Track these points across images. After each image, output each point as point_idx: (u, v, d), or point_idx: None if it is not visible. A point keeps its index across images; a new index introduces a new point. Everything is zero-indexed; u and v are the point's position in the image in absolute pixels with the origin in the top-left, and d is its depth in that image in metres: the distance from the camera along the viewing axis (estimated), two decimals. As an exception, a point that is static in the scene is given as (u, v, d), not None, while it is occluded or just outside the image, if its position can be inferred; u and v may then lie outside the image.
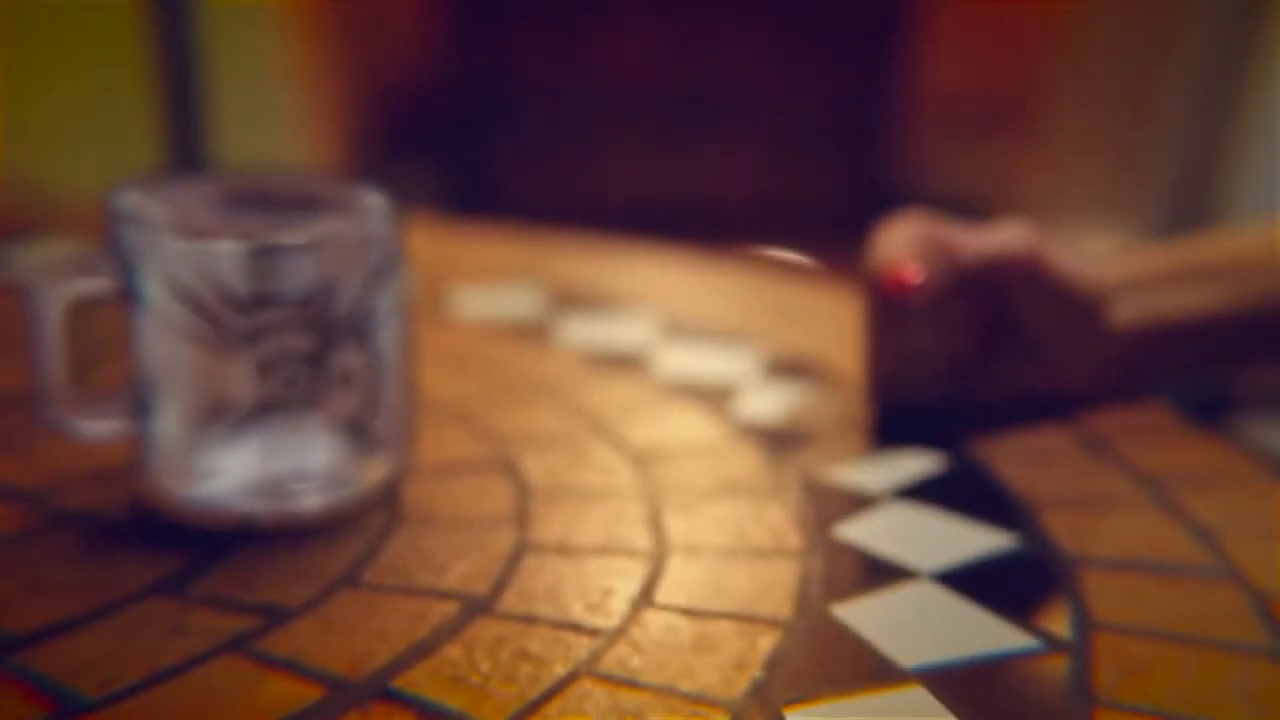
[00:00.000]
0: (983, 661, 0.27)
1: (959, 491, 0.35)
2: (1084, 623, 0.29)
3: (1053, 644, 0.28)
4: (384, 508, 0.33)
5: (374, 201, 0.33)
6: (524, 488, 0.35)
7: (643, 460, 0.37)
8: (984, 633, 0.28)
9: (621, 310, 0.51)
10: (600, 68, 2.12)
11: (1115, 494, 0.36)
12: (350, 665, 0.26)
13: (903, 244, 0.38)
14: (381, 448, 0.33)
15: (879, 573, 0.31)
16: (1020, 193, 1.84)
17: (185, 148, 0.92)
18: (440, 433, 0.38)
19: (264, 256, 0.30)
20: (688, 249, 0.60)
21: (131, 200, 0.31)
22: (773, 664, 0.27)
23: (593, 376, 0.44)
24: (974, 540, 0.33)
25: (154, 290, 0.30)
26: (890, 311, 0.38)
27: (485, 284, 0.54)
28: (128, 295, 0.31)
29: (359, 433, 0.32)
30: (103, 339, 0.45)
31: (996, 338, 0.41)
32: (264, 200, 0.34)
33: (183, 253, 0.30)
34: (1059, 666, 0.27)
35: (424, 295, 0.52)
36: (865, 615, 0.29)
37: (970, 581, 0.30)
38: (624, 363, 0.45)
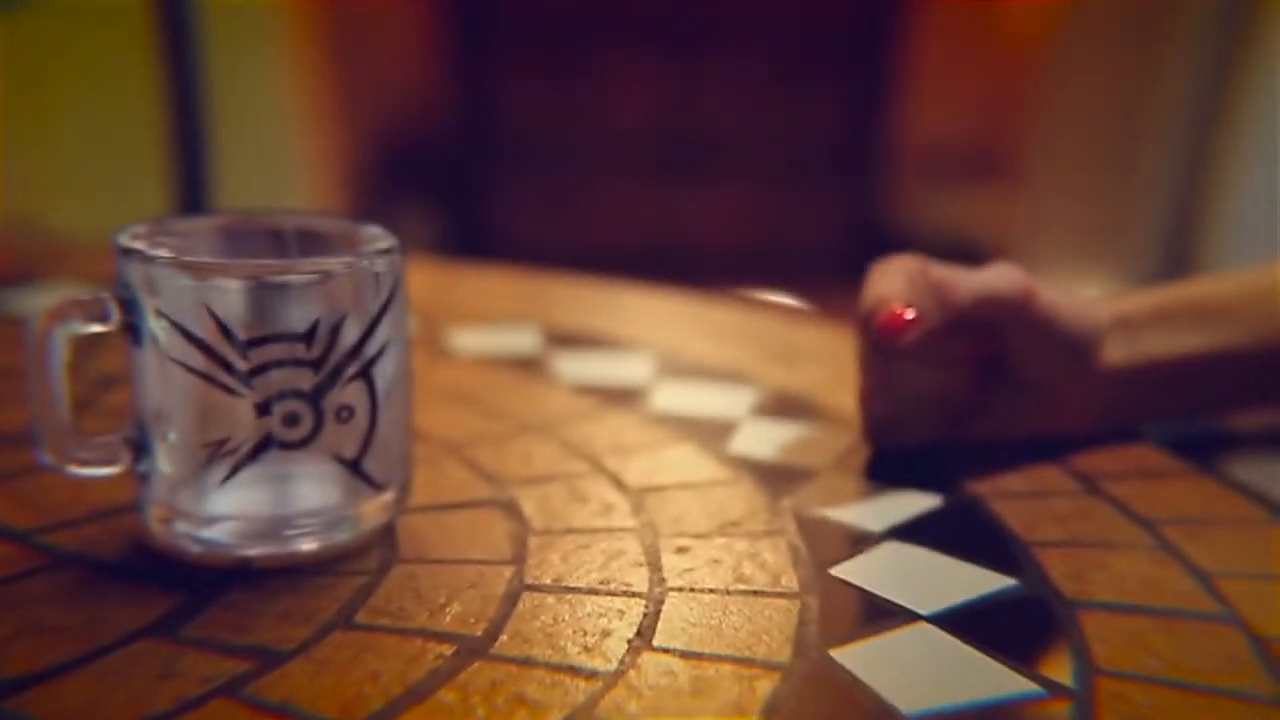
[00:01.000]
0: (984, 707, 0.27)
1: (956, 531, 0.35)
2: (1086, 668, 0.29)
3: (1055, 689, 0.28)
4: (381, 546, 0.33)
5: (376, 238, 0.33)
6: (521, 526, 0.34)
7: (640, 498, 0.37)
8: (985, 677, 0.28)
9: (618, 349, 0.51)
10: (595, 113, 2.15)
11: (1111, 535, 0.36)
12: (342, 709, 0.26)
13: (895, 285, 0.38)
14: (380, 486, 0.33)
15: (877, 614, 0.31)
16: (1005, 239, 1.86)
17: (190, 190, 0.93)
18: (437, 470, 0.38)
19: (266, 293, 0.30)
20: (681, 290, 0.60)
21: (135, 237, 0.32)
22: (771, 708, 0.26)
23: (590, 414, 0.44)
24: (973, 581, 0.33)
25: (155, 327, 0.30)
26: (883, 352, 0.38)
27: (482, 324, 0.54)
28: (129, 333, 0.31)
29: (357, 471, 0.32)
30: (103, 375, 0.45)
31: (990, 377, 0.41)
32: (267, 237, 0.35)
33: (185, 289, 0.30)
34: (1062, 713, 0.27)
35: (421, 334, 0.52)
36: (865, 658, 0.29)
37: (970, 623, 0.30)
38: (621, 401, 0.45)
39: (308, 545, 0.32)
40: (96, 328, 0.31)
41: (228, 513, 0.32)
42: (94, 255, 0.62)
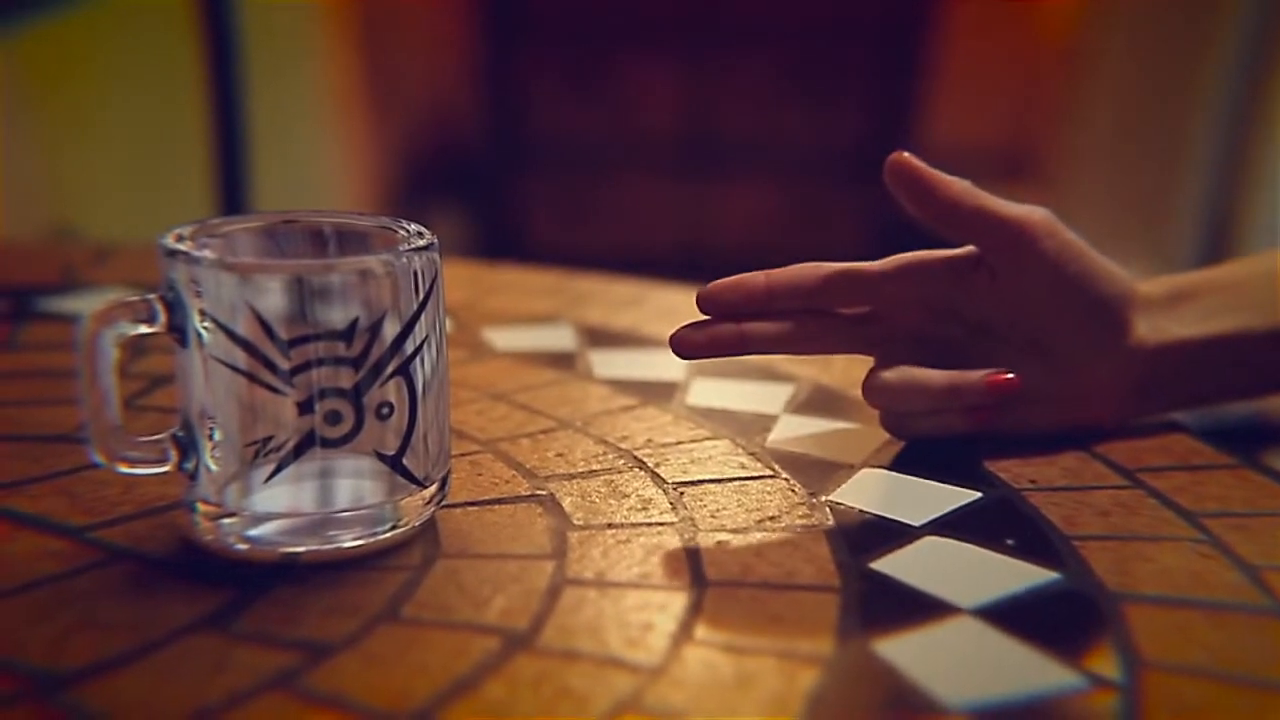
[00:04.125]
0: (1030, 701, 0.27)
1: (997, 524, 0.35)
2: (1133, 661, 0.28)
3: (1101, 683, 0.27)
4: (423, 541, 0.33)
5: (414, 235, 0.34)
6: (561, 521, 0.35)
7: (679, 493, 0.37)
8: (1030, 670, 0.28)
9: (651, 346, 0.52)
10: (621, 116, 2.15)
11: (1154, 528, 0.35)
12: (393, 700, 0.26)
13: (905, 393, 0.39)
14: (420, 482, 0.33)
15: (919, 608, 0.31)
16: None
17: (229, 196, 0.94)
18: (477, 466, 0.38)
19: (308, 292, 0.31)
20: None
21: (179, 239, 0.32)
22: (814, 701, 0.26)
23: (626, 410, 0.44)
24: (1015, 574, 0.32)
25: (200, 328, 0.31)
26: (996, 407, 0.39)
27: (516, 323, 0.55)
28: (175, 334, 0.32)
29: (398, 467, 0.33)
30: (151, 375, 0.46)
31: (1006, 363, 0.40)
32: (307, 237, 0.35)
33: (228, 289, 0.31)
34: (1109, 706, 0.27)
35: (457, 333, 0.53)
36: (907, 652, 0.28)
37: (1013, 617, 0.30)
38: (657, 397, 0.45)
39: (351, 541, 0.32)
40: (144, 329, 0.31)
41: (273, 510, 0.32)
42: (136, 259, 0.64)
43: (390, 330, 0.32)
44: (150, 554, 0.32)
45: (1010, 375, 0.39)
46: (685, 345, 0.39)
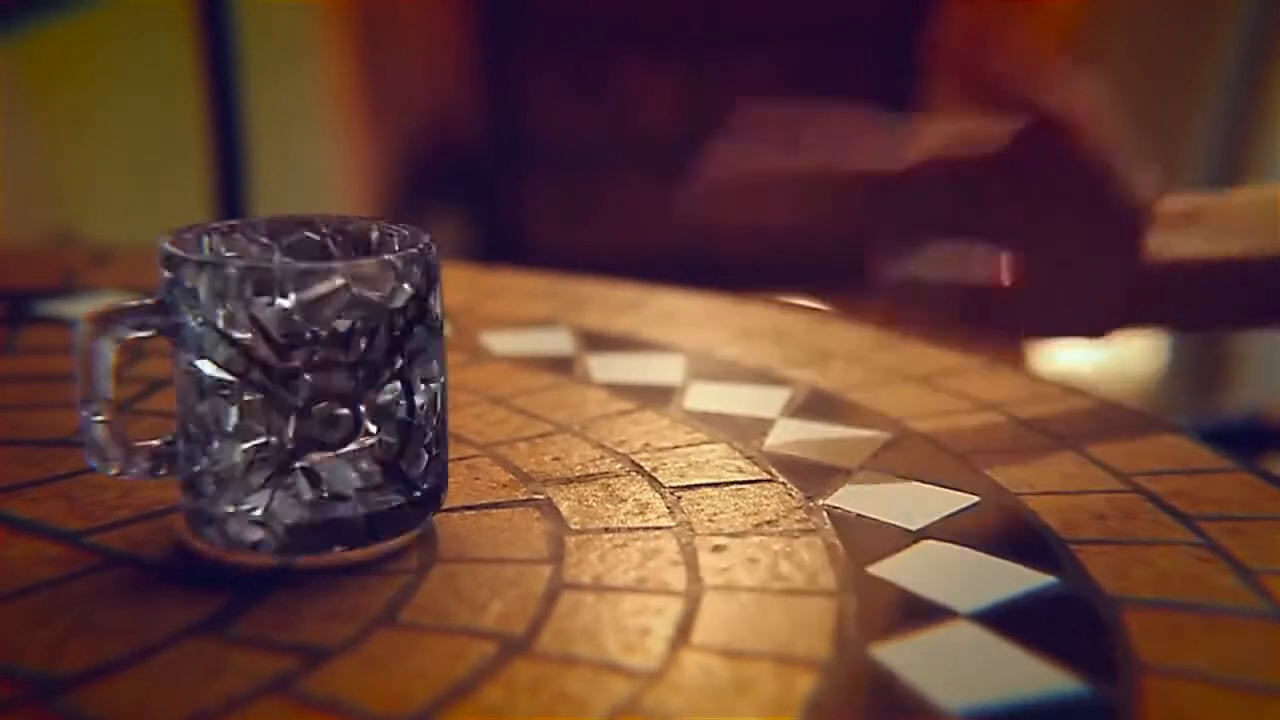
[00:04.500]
0: (1027, 705, 0.27)
1: (993, 529, 0.35)
2: (1130, 665, 0.28)
3: (1100, 688, 0.27)
4: (420, 546, 0.33)
5: (412, 239, 0.34)
6: (559, 525, 0.35)
7: (676, 497, 0.37)
8: (1028, 675, 0.28)
9: (649, 350, 0.52)
10: (621, 118, 2.15)
11: (1152, 532, 0.35)
12: (390, 705, 0.26)
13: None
14: (418, 486, 0.33)
15: (916, 612, 0.31)
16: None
17: (228, 200, 0.94)
18: (474, 470, 0.39)
19: (304, 295, 0.31)
20: (711, 292, 0.60)
21: (175, 242, 0.32)
22: (812, 705, 0.26)
23: (624, 415, 0.44)
24: (1011, 578, 0.32)
25: (197, 331, 0.31)
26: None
27: (514, 327, 0.55)
28: (172, 337, 0.32)
29: (396, 471, 0.33)
30: (148, 379, 0.46)
31: (1016, 262, 0.38)
32: (304, 240, 0.35)
33: (225, 293, 0.31)
34: (1107, 711, 0.27)
35: (454, 337, 0.53)
36: (905, 656, 0.29)
37: (1010, 621, 0.30)
38: (654, 401, 0.45)
39: (348, 546, 0.32)
40: (140, 333, 0.31)
41: (270, 514, 0.32)
42: (135, 263, 0.64)
43: (387, 334, 0.32)
44: (148, 558, 0.32)
45: (1014, 262, 0.37)
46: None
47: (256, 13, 1.02)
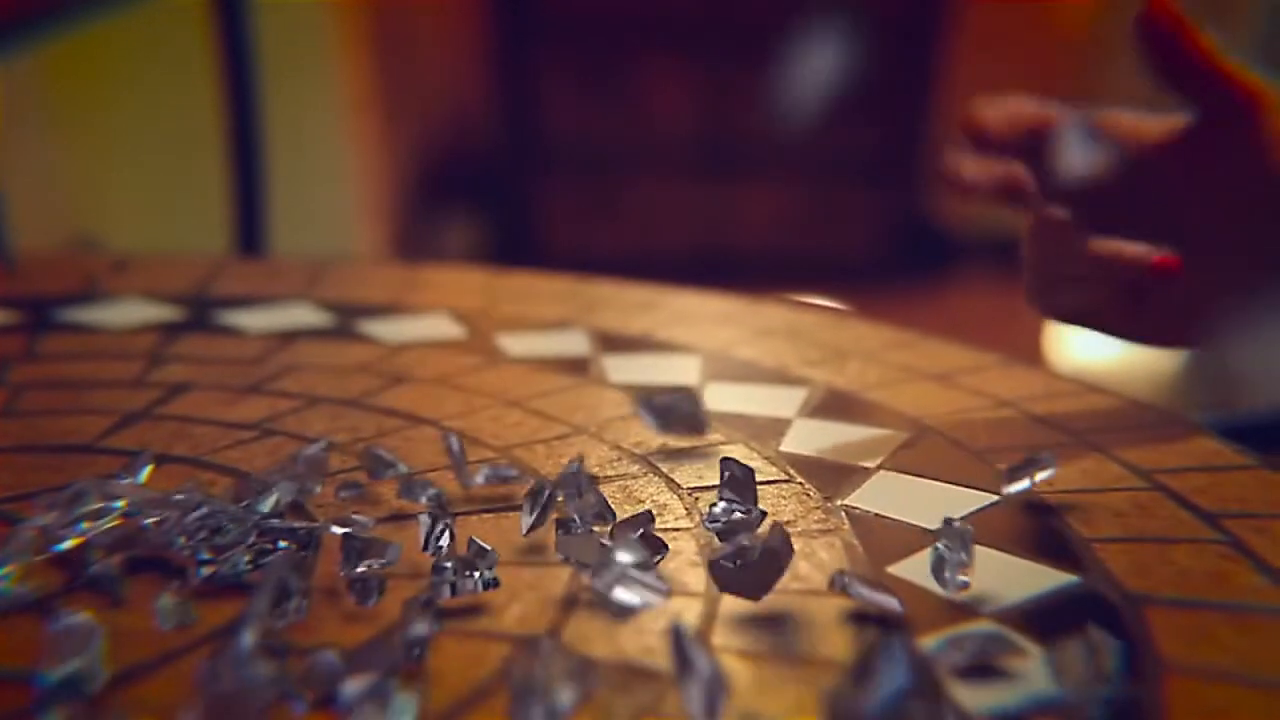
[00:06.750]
0: (1050, 704, 0.27)
1: (1013, 528, 0.35)
2: (1154, 664, 0.28)
3: (1124, 686, 0.27)
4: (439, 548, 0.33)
5: None
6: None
7: (694, 498, 0.37)
8: (1050, 674, 0.28)
9: (665, 351, 0.52)
10: (636, 119, 2.15)
11: (1174, 530, 0.35)
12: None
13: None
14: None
15: (938, 612, 0.30)
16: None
17: (247, 204, 0.95)
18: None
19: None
20: (727, 293, 0.60)
21: None
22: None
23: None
24: (1033, 578, 0.32)
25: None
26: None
27: (530, 328, 0.55)
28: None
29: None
30: (167, 382, 0.46)
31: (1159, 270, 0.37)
32: None
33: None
34: (1132, 710, 0.26)
35: (471, 339, 0.53)
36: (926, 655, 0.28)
37: (1032, 620, 0.30)
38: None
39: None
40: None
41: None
42: (156, 270, 0.64)
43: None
44: (169, 562, 0.33)
45: (1170, 257, 0.36)
46: (961, 182, 0.37)
47: (273, 16, 1.03)
